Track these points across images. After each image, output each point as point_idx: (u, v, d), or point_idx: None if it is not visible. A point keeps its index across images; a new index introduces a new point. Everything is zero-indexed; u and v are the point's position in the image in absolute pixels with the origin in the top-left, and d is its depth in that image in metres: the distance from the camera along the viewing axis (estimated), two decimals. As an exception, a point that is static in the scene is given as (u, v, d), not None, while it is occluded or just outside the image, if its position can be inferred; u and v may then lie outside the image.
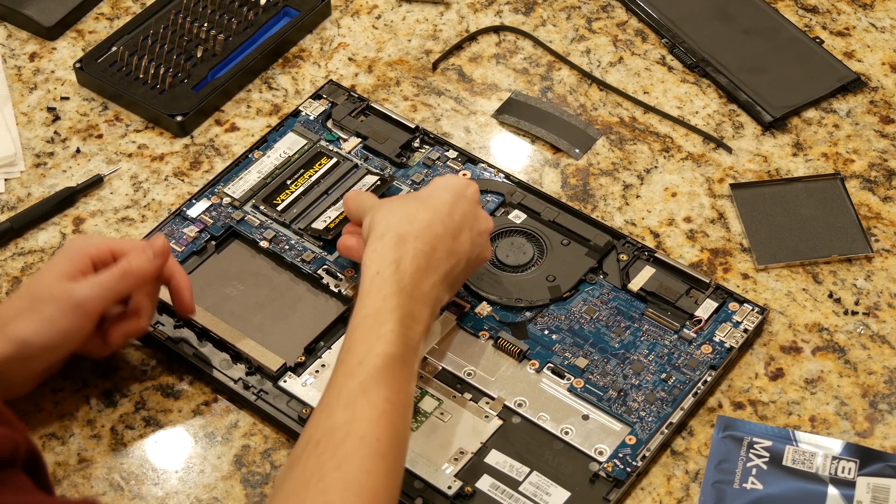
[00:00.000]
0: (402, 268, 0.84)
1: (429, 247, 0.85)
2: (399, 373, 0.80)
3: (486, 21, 1.17)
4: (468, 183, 0.91)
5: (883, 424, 0.90)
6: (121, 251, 0.88)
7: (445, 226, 0.87)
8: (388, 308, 0.82)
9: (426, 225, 0.86)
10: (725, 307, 0.94)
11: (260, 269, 0.98)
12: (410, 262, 0.84)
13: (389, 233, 0.86)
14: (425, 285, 0.85)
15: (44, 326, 0.85)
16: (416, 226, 0.86)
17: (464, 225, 0.88)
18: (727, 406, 0.91)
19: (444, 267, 0.86)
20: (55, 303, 0.85)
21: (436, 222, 0.87)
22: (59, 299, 0.85)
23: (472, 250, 0.89)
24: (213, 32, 1.13)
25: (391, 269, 0.84)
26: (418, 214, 0.87)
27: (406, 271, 0.84)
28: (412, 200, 0.89)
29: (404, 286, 0.83)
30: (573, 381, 0.91)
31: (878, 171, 1.05)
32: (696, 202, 1.03)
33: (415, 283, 0.84)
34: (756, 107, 1.08)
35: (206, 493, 0.87)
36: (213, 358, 0.93)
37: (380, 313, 0.82)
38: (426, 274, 0.85)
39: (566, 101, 1.10)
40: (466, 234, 0.88)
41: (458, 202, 0.89)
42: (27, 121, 1.10)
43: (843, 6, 1.17)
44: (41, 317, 0.85)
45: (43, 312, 0.85)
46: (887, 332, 0.95)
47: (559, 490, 0.85)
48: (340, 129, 1.07)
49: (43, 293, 0.85)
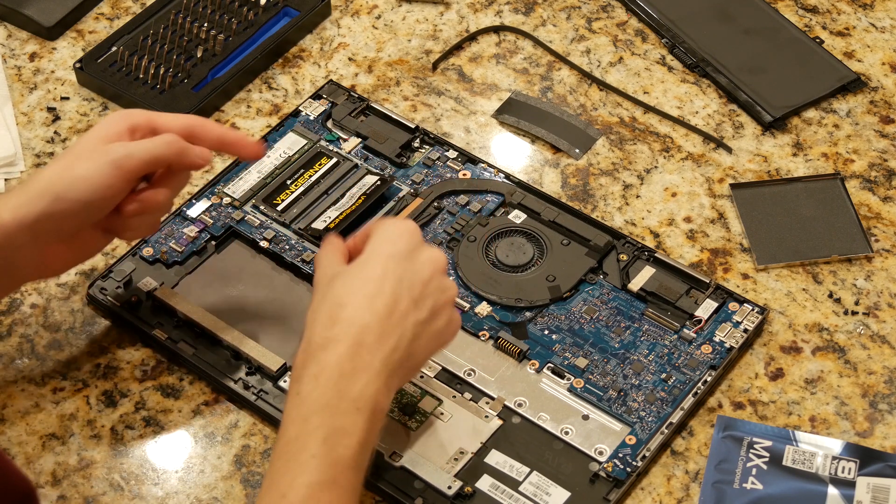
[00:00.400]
0: (323, 381, 0.76)
1: (353, 346, 0.77)
2: (329, 498, 0.74)
3: (486, 21, 1.17)
4: (402, 235, 0.81)
5: (883, 424, 0.90)
6: (162, 126, 0.88)
7: (374, 310, 0.78)
8: (308, 431, 0.75)
9: (349, 321, 0.77)
10: (725, 307, 0.94)
11: (260, 269, 0.98)
12: (331, 371, 0.76)
13: (312, 342, 0.78)
14: (354, 390, 0.76)
15: (77, 182, 0.84)
16: (340, 326, 0.77)
17: (399, 294, 0.79)
18: (727, 406, 0.91)
19: (378, 358, 0.77)
20: (91, 160, 0.85)
21: (362, 310, 0.78)
22: (94, 157, 0.85)
23: (419, 318, 0.80)
24: (213, 32, 1.13)
25: (310, 386, 0.76)
26: (343, 310, 0.78)
27: (327, 384, 0.76)
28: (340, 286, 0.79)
29: (327, 402, 0.75)
30: (573, 381, 0.91)
31: (878, 171, 1.05)
32: (696, 202, 1.03)
33: (340, 393, 0.76)
34: (756, 107, 1.08)
35: (206, 493, 0.87)
36: (213, 358, 0.93)
37: (299, 438, 0.75)
38: (353, 378, 0.76)
39: (566, 101, 1.10)
40: (405, 304, 0.79)
41: (390, 270, 0.79)
42: (27, 121, 1.10)
43: (843, 6, 1.17)
44: (76, 173, 0.84)
45: (78, 169, 0.84)
46: (887, 332, 0.95)
47: (559, 490, 0.85)
48: (340, 129, 1.07)
49: (81, 152, 0.85)
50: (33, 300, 0.98)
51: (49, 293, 0.98)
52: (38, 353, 0.94)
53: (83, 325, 0.96)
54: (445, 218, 1.01)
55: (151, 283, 0.96)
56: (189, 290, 0.96)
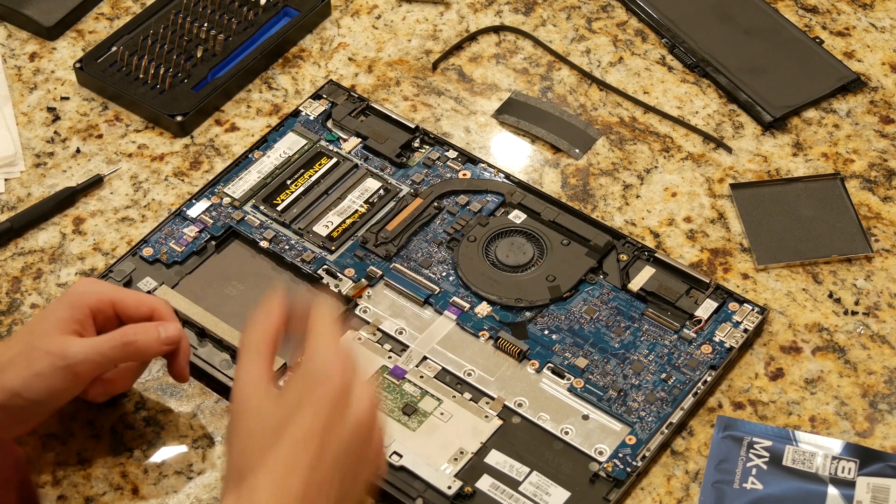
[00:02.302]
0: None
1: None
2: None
3: (486, 21, 1.17)
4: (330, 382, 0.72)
5: (883, 424, 0.90)
6: (124, 307, 0.85)
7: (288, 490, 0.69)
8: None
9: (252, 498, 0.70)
10: (725, 307, 0.94)
11: (260, 269, 0.98)
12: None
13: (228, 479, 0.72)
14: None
15: (34, 380, 0.82)
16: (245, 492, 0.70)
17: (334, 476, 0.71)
18: (727, 406, 0.91)
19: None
20: (48, 358, 0.82)
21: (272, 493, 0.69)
22: (53, 354, 0.82)
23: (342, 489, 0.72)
24: (213, 32, 1.13)
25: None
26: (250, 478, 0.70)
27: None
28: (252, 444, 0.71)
29: None
30: (573, 381, 0.91)
31: (878, 171, 1.05)
32: (696, 202, 1.03)
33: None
34: (756, 107, 1.08)
35: (206, 493, 0.87)
36: (213, 358, 0.93)
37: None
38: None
39: (566, 101, 1.10)
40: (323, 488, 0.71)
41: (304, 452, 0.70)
42: (27, 121, 1.10)
43: (843, 6, 1.17)
44: (32, 370, 0.82)
45: (34, 366, 0.82)
46: (887, 332, 0.95)
47: (559, 490, 0.85)
48: (340, 129, 1.07)
49: (38, 344, 0.83)
50: (33, 300, 0.98)
51: (49, 293, 0.98)
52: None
53: (83, 325, 0.96)
54: (445, 218, 1.01)
55: (151, 283, 0.96)
56: (189, 290, 0.96)
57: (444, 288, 0.96)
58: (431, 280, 0.97)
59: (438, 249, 0.99)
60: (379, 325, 0.94)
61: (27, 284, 0.99)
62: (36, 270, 1.00)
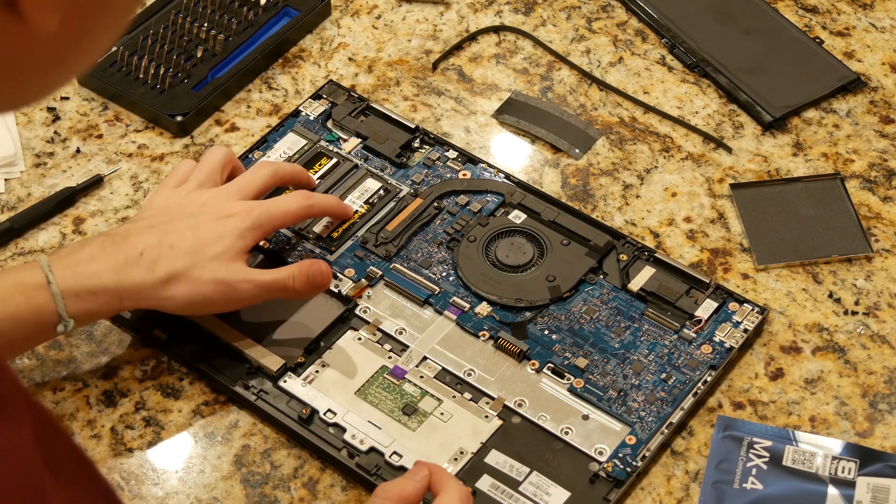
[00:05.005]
0: None
1: None
2: None
3: (486, 21, 1.17)
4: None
5: (883, 424, 0.90)
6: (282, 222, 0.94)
7: None
8: None
9: None
10: (725, 307, 0.94)
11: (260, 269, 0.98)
12: None
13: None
14: None
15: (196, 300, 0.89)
16: None
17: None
18: (727, 406, 0.91)
19: None
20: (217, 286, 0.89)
21: None
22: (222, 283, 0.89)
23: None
24: (213, 32, 1.13)
25: None
26: None
27: None
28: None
29: None
30: (573, 381, 0.91)
31: (878, 171, 1.05)
32: (696, 202, 1.03)
33: None
34: (756, 107, 1.08)
35: (206, 493, 0.87)
36: (213, 358, 0.93)
37: None
38: None
39: (566, 101, 1.10)
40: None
41: None
42: (27, 121, 1.10)
43: (843, 6, 1.17)
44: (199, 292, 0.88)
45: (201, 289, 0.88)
46: (887, 332, 0.95)
47: (559, 490, 0.85)
48: (340, 129, 1.07)
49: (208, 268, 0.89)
50: (33, 300, 0.98)
51: (49, 293, 0.98)
52: (37, 353, 0.94)
53: (83, 325, 0.96)
54: (445, 218, 1.01)
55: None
56: (189, 290, 0.96)
57: (444, 288, 0.96)
58: (431, 280, 0.97)
59: (438, 249, 0.99)
60: (379, 325, 0.94)
61: (27, 284, 0.99)
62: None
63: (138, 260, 0.87)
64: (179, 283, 0.87)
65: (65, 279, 0.85)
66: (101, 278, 0.86)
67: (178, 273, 0.87)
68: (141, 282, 0.87)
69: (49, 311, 0.85)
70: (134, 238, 0.88)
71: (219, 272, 0.88)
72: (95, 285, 0.86)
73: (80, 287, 0.85)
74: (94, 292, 0.86)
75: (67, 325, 0.85)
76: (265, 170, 0.95)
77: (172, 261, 0.87)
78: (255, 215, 0.91)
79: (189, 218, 0.90)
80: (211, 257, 0.88)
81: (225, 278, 0.88)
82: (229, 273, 0.88)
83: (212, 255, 0.88)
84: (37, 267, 0.86)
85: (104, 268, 0.86)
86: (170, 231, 0.89)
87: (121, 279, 0.86)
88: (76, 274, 0.86)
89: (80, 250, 0.87)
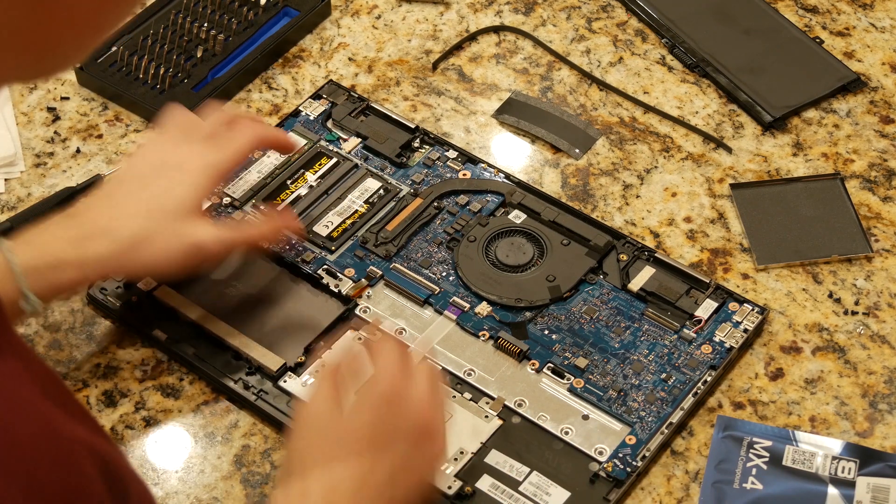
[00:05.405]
0: None
1: None
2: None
3: (486, 21, 1.17)
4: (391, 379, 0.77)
5: (883, 424, 0.90)
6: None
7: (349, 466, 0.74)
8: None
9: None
10: (725, 307, 0.94)
11: (260, 269, 0.98)
12: None
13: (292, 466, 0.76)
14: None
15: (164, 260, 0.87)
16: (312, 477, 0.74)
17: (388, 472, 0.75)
18: (727, 406, 0.91)
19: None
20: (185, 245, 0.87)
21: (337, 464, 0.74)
22: (189, 241, 0.87)
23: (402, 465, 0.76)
24: (213, 32, 1.13)
25: None
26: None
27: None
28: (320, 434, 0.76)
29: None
30: (573, 381, 0.91)
31: (878, 171, 1.05)
32: (696, 202, 1.03)
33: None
34: (756, 107, 1.08)
35: (206, 493, 0.87)
36: (213, 358, 0.93)
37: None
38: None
39: (566, 101, 1.10)
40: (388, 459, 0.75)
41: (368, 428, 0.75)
42: (27, 121, 1.10)
43: (843, 6, 1.17)
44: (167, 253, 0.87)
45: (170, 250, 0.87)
46: (887, 332, 0.95)
47: (559, 490, 0.85)
48: (340, 129, 1.07)
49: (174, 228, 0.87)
50: (33, 300, 0.98)
51: (49, 293, 0.98)
52: (38, 353, 0.94)
53: (83, 325, 0.96)
54: (445, 218, 1.01)
55: (151, 283, 0.96)
56: (189, 290, 0.96)
57: (444, 288, 0.96)
58: (431, 280, 0.97)
59: (438, 249, 0.99)
60: (379, 326, 0.94)
61: (27, 284, 0.99)
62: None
63: (97, 232, 0.86)
64: (142, 248, 0.86)
65: (26, 257, 0.84)
66: (62, 253, 0.85)
67: (139, 238, 0.86)
68: (103, 251, 0.86)
69: (13, 290, 0.84)
70: (92, 212, 0.87)
71: (182, 232, 0.87)
72: (57, 260, 0.85)
73: (42, 263, 0.84)
74: (55, 267, 0.84)
75: (31, 303, 0.84)
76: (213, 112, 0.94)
77: (131, 226, 0.86)
78: (204, 160, 0.89)
79: (141, 179, 0.89)
80: (171, 216, 0.87)
81: (189, 238, 0.87)
82: (193, 231, 0.87)
83: (170, 212, 0.87)
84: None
85: (64, 242, 0.85)
86: (124, 198, 0.88)
87: (81, 252, 0.85)
88: (38, 252, 0.85)
89: (39, 230, 0.87)
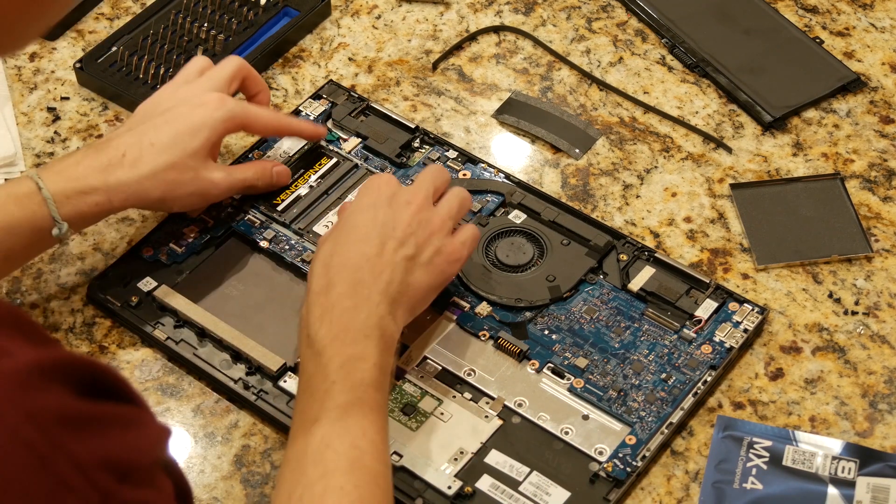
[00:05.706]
0: (328, 319, 0.83)
1: (350, 285, 0.84)
2: (357, 417, 0.80)
3: (486, 21, 1.17)
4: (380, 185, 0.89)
5: (883, 424, 0.90)
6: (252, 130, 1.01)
7: (363, 253, 0.85)
8: (324, 363, 0.81)
9: (342, 265, 0.85)
10: (725, 307, 0.94)
11: (260, 269, 0.98)
12: (334, 309, 0.83)
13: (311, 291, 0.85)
14: (358, 321, 0.83)
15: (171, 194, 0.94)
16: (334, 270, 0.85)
17: (384, 236, 0.86)
18: (727, 406, 0.91)
19: (375, 291, 0.84)
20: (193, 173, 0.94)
21: (352, 255, 0.85)
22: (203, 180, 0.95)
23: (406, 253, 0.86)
24: (213, 32, 1.13)
25: (317, 326, 0.83)
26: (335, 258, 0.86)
27: (333, 320, 0.83)
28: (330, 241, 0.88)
29: (335, 335, 0.82)
30: (573, 381, 0.91)
31: (878, 171, 1.05)
32: (696, 202, 1.03)
33: (345, 326, 0.83)
34: (756, 107, 1.08)
35: (206, 493, 0.87)
36: (213, 358, 0.93)
37: (317, 371, 0.81)
38: (355, 311, 0.83)
39: (566, 101, 1.10)
40: (391, 244, 0.86)
41: (371, 217, 0.87)
42: (27, 121, 1.10)
43: (843, 6, 1.17)
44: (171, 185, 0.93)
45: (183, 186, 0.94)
46: (887, 332, 0.95)
47: (559, 490, 0.85)
48: (340, 129, 1.07)
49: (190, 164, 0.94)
50: (33, 300, 0.98)
51: (49, 293, 0.98)
52: None
53: (83, 325, 0.96)
54: (445, 218, 1.00)
55: (151, 283, 0.96)
56: (189, 290, 0.96)
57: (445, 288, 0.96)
58: (431, 280, 0.96)
59: (438, 249, 0.98)
60: None
61: (27, 284, 0.99)
62: (36, 270, 1.00)
63: (121, 161, 0.92)
64: (161, 179, 0.93)
65: (55, 183, 0.90)
66: (89, 179, 0.91)
67: (160, 169, 0.93)
68: (126, 180, 0.92)
69: (42, 216, 0.89)
70: (115, 141, 0.93)
71: (198, 168, 0.94)
72: (84, 186, 0.90)
73: (70, 189, 0.90)
74: (84, 192, 0.90)
75: (62, 228, 0.90)
76: (232, 62, 0.99)
77: (154, 157, 0.92)
78: (229, 105, 0.96)
79: (165, 114, 0.95)
80: (189, 153, 0.93)
81: (205, 175, 0.94)
82: (207, 171, 0.95)
83: (191, 149, 0.93)
84: (26, 177, 0.90)
85: (90, 170, 0.91)
86: (147, 130, 0.93)
87: (107, 179, 0.91)
88: (65, 178, 0.91)
89: (66, 159, 0.92)
